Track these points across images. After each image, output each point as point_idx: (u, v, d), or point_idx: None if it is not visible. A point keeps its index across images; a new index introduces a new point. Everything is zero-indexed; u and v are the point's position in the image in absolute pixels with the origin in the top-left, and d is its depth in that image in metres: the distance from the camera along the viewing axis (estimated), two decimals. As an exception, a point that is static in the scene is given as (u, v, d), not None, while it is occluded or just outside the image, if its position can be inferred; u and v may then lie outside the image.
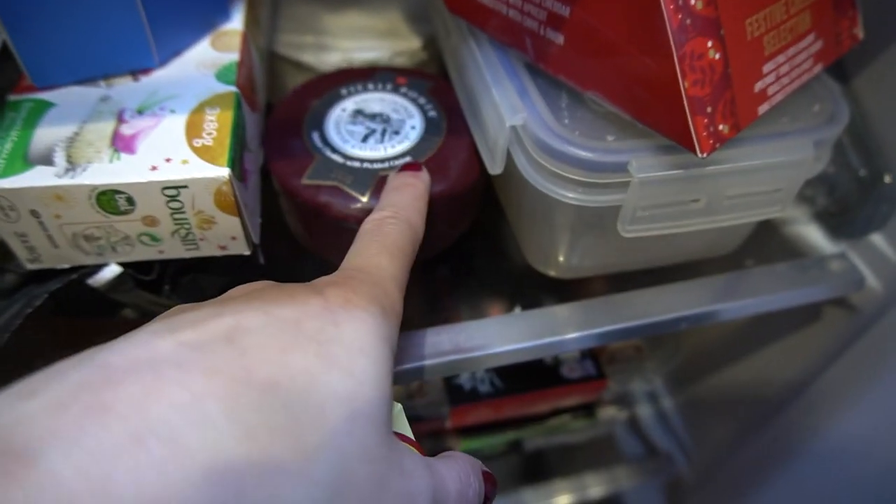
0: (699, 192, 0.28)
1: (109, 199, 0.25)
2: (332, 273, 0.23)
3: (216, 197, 0.26)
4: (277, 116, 0.34)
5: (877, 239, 0.37)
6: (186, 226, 0.27)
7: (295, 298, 0.19)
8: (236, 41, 0.31)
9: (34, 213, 0.25)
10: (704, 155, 0.25)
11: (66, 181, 0.24)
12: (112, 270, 0.28)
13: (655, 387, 0.57)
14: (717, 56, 0.25)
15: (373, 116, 0.34)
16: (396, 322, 0.22)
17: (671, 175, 0.27)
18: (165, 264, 0.29)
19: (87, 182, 0.24)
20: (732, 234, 0.35)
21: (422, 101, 0.35)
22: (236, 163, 0.26)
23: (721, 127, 0.25)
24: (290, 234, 0.35)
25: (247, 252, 0.28)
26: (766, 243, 0.40)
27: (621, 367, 0.49)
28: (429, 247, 0.35)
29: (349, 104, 0.35)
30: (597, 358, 0.48)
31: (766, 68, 0.27)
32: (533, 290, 0.36)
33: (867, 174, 0.36)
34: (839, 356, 0.40)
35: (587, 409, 0.53)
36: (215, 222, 0.27)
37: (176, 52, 0.30)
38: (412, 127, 0.34)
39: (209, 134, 0.26)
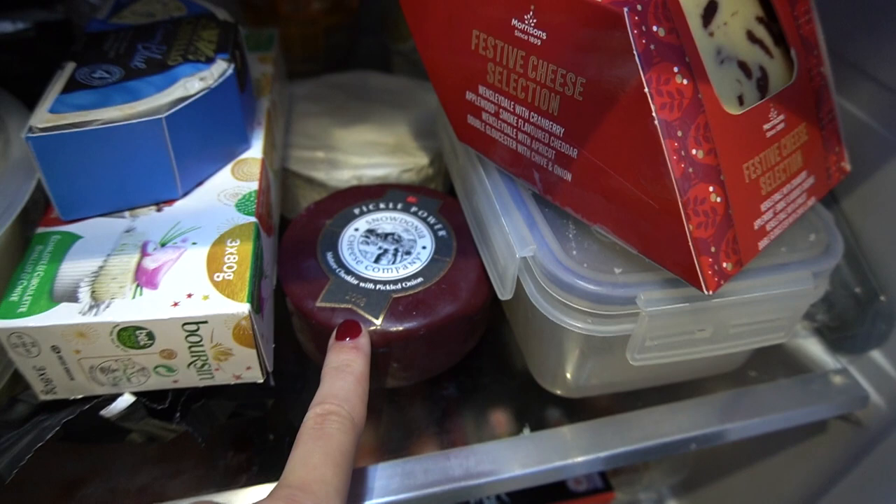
0: (705, 324, 0.29)
1: (130, 335, 0.25)
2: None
3: (235, 331, 0.26)
4: (291, 237, 0.35)
5: (877, 356, 0.38)
6: (203, 358, 0.27)
7: None
8: (256, 170, 0.33)
9: (55, 349, 0.25)
10: (711, 293, 0.26)
11: (90, 319, 0.25)
12: (125, 400, 0.28)
13: (662, 494, 0.56)
14: (719, 199, 0.26)
15: (385, 236, 0.35)
16: None
17: (678, 308, 0.28)
18: (178, 392, 0.29)
19: (109, 319, 0.25)
20: (737, 354, 0.36)
21: (432, 220, 0.37)
22: (254, 296, 0.27)
23: (725, 265, 0.26)
24: (301, 350, 0.36)
25: (261, 380, 0.29)
26: (768, 355, 0.41)
27: (628, 478, 0.48)
28: (436, 365, 0.35)
29: (362, 224, 0.36)
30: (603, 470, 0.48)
31: (765, 206, 0.28)
32: (540, 408, 0.36)
33: (862, 292, 0.37)
34: (847, 472, 0.40)
35: (593, 519, 0.51)
36: (232, 354, 0.27)
37: (198, 182, 0.31)
38: (423, 247, 0.35)
39: (229, 268, 0.27)
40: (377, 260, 0.34)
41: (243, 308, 0.26)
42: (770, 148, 0.28)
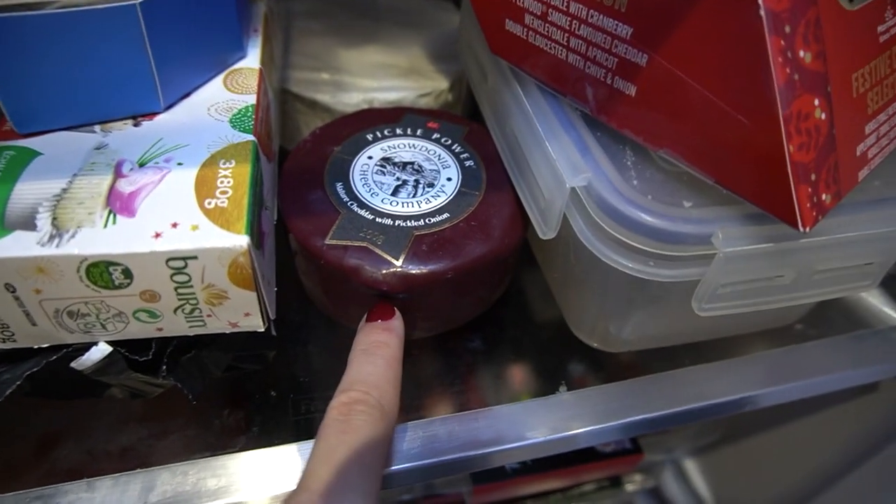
0: (788, 268, 0.25)
1: (102, 272, 0.21)
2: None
3: (231, 269, 0.22)
4: (294, 166, 0.30)
5: (949, 309, 0.34)
6: (193, 301, 0.22)
7: None
8: (253, 81, 0.27)
9: (9, 287, 0.21)
10: (807, 229, 0.21)
11: (51, 251, 0.20)
12: (100, 351, 0.23)
13: (681, 454, 0.53)
14: (824, 116, 0.21)
15: (403, 165, 0.30)
16: None
17: (761, 249, 0.23)
18: (164, 341, 0.24)
19: (75, 252, 0.20)
20: (803, 305, 0.32)
21: (457, 148, 0.32)
22: (254, 227, 0.22)
23: (824, 196, 0.22)
24: (306, 296, 0.31)
25: (261, 329, 0.24)
26: (825, 306, 0.37)
27: (657, 438, 0.45)
28: (462, 314, 0.31)
29: (376, 151, 0.31)
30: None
31: (868, 128, 0.23)
32: (576, 363, 0.32)
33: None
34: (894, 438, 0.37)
35: (614, 480, 0.48)
36: (227, 297, 0.22)
37: (184, 94, 0.26)
38: (448, 178, 0.30)
39: (223, 192, 0.22)
40: (395, 192, 0.29)
41: (241, 241, 0.21)
42: (881, 56, 0.23)
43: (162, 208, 0.22)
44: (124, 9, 0.22)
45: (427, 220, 0.28)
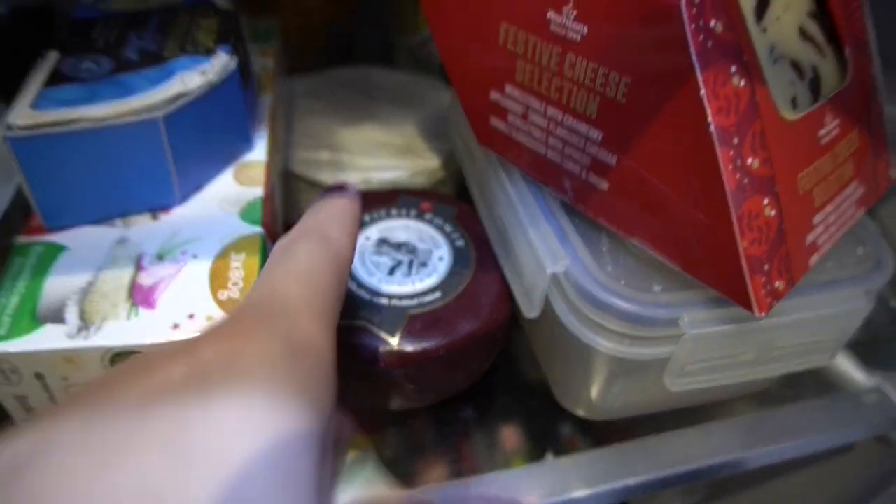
0: (749, 346, 0.27)
1: (124, 360, 0.23)
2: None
3: (241, 355, 0.24)
4: (297, 246, 0.33)
5: (913, 373, 0.36)
6: (205, 384, 0.24)
7: (151, 372, 0.13)
8: (260, 174, 0.30)
9: (38, 376, 0.23)
10: (762, 315, 0.24)
11: (79, 343, 0.22)
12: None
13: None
14: (773, 213, 0.24)
15: (398, 246, 0.33)
16: (321, 381, 0.15)
17: (723, 331, 0.26)
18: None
19: (101, 344, 0.22)
20: (771, 372, 0.34)
21: (448, 228, 0.34)
22: (263, 315, 0.24)
23: (777, 284, 0.24)
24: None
25: (267, 406, 0.26)
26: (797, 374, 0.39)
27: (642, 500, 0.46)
28: (454, 386, 0.33)
29: (373, 232, 0.34)
30: None
31: (816, 219, 0.26)
32: (561, 430, 0.34)
33: (899, 306, 0.36)
34: (876, 494, 0.38)
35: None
36: (237, 380, 0.24)
37: (198, 187, 0.29)
38: (440, 258, 0.32)
39: (235, 284, 0.24)
40: (391, 272, 0.31)
41: (251, 331, 0.23)
42: (825, 156, 0.26)
43: (179, 300, 0.24)
44: (149, 123, 0.25)
45: (420, 300, 0.30)
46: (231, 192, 0.29)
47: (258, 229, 0.27)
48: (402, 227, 0.34)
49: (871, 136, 0.29)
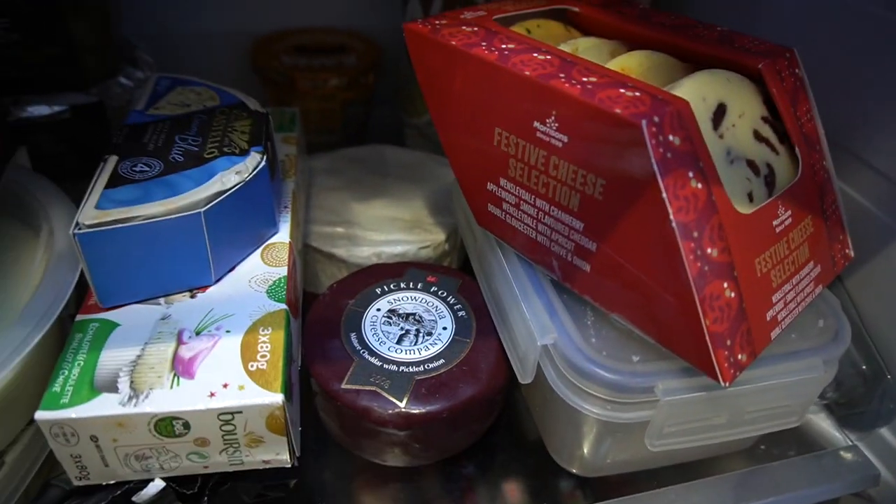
0: (721, 411, 0.30)
1: (167, 425, 0.26)
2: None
3: (268, 420, 0.27)
4: (315, 317, 0.36)
5: (886, 433, 0.39)
6: (236, 445, 0.28)
7: None
8: (284, 255, 0.34)
9: (93, 438, 0.26)
10: (727, 384, 0.27)
11: (130, 410, 0.26)
12: (156, 486, 0.28)
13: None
14: (733, 295, 0.27)
15: (406, 316, 0.36)
16: None
17: (695, 397, 0.29)
18: (207, 476, 0.29)
19: (149, 410, 0.26)
20: (750, 433, 0.37)
21: (451, 300, 0.38)
22: (287, 384, 0.28)
23: (740, 356, 0.28)
24: (323, 428, 0.36)
25: (289, 465, 0.29)
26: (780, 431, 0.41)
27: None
28: (456, 445, 0.36)
29: (383, 304, 0.37)
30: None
31: (776, 298, 0.29)
32: (557, 486, 0.37)
33: (869, 371, 0.38)
34: None
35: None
36: (264, 442, 0.28)
37: (231, 268, 0.33)
38: (444, 328, 0.36)
39: (263, 356, 0.28)
40: (399, 341, 0.35)
41: (277, 398, 0.27)
42: (779, 242, 0.30)
43: (215, 371, 0.27)
44: (192, 217, 0.29)
45: (426, 366, 0.34)
46: (259, 271, 0.33)
47: (282, 305, 0.31)
48: (409, 299, 0.38)
49: (826, 220, 0.33)
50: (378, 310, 0.37)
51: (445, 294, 0.38)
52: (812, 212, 0.32)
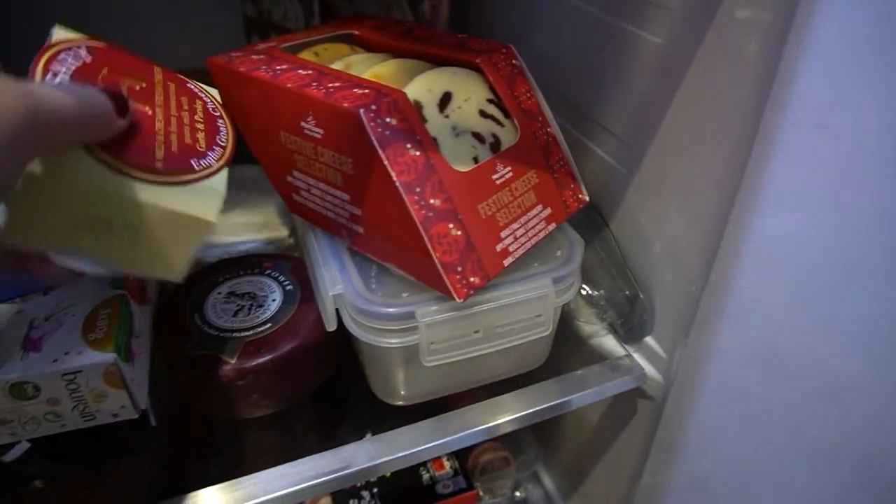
0: (475, 326, 0.38)
1: (19, 389, 0.33)
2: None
3: (105, 377, 0.34)
4: (165, 305, 0.44)
5: (650, 341, 0.48)
6: (84, 401, 0.34)
7: None
8: (127, 254, 0.41)
9: (-41, 406, 0.33)
10: (462, 300, 0.35)
11: (-14, 379, 0.32)
12: (22, 447, 0.35)
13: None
14: (459, 233, 0.36)
15: (243, 295, 0.44)
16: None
17: (448, 317, 0.37)
18: (68, 436, 0.36)
19: (1, 378, 0.32)
20: (531, 352, 0.45)
21: (282, 278, 0.46)
22: (122, 348, 0.35)
23: (472, 279, 0.36)
24: (182, 398, 0.43)
25: (135, 416, 0.36)
26: (577, 351, 0.50)
27: (489, 477, 0.56)
28: (293, 392, 0.43)
29: (224, 289, 0.45)
30: (467, 473, 0.55)
31: (504, 234, 0.38)
32: (382, 416, 0.44)
33: (631, 293, 0.48)
34: (655, 428, 0.49)
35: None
36: (107, 396, 0.35)
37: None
38: (273, 300, 0.44)
39: (101, 329, 0.35)
40: (235, 314, 0.42)
41: (110, 357, 0.34)
42: (502, 191, 0.38)
43: (59, 344, 0.34)
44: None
45: (256, 331, 0.41)
46: (104, 269, 0.40)
47: (121, 291, 0.38)
48: (247, 283, 0.45)
49: (554, 173, 0.42)
50: (219, 293, 0.44)
51: (278, 274, 0.46)
52: (536, 167, 0.41)
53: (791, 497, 0.52)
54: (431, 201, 0.35)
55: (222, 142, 0.35)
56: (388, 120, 0.34)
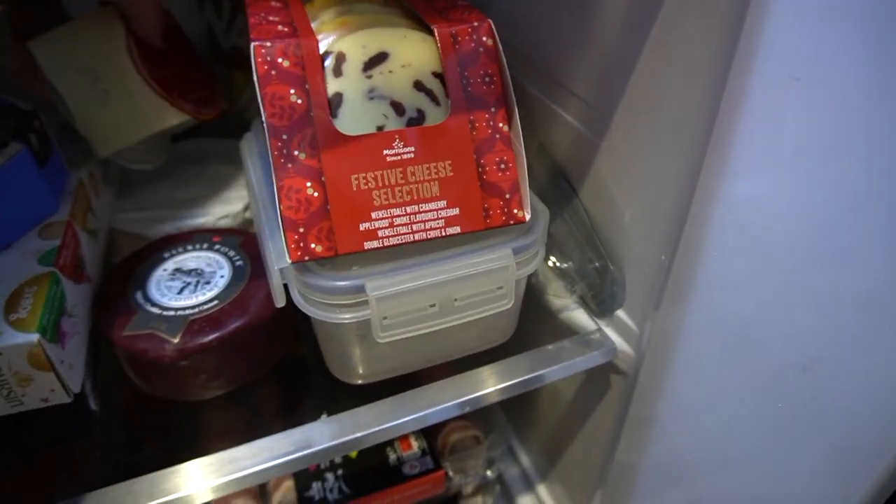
0: (431, 300, 0.36)
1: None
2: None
3: (30, 358, 0.32)
4: (106, 284, 0.41)
5: (621, 314, 0.46)
6: (7, 386, 0.32)
7: None
8: (61, 229, 0.39)
9: None
10: (291, 262, 0.33)
11: None
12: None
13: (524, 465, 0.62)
14: (316, 194, 0.32)
15: (189, 272, 0.42)
16: None
17: (399, 290, 0.35)
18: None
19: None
20: (495, 327, 0.43)
21: (231, 253, 0.43)
22: (49, 328, 0.33)
23: (314, 246, 0.33)
24: (129, 380, 0.41)
25: (67, 400, 0.34)
26: (548, 324, 0.49)
27: (459, 457, 0.55)
28: (244, 372, 0.41)
29: (170, 265, 0.42)
30: (434, 452, 0.54)
31: (376, 215, 0.34)
32: (339, 396, 0.42)
33: (601, 266, 0.46)
34: (628, 403, 0.48)
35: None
36: (33, 379, 0.32)
37: (6, 246, 0.37)
38: (221, 276, 0.41)
39: (24, 308, 0.33)
40: (180, 292, 0.40)
41: (32, 337, 0.31)
42: (389, 169, 0.34)
43: (-22, 325, 0.32)
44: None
45: (201, 308, 0.39)
46: (33, 246, 0.37)
47: (50, 268, 0.35)
48: (193, 258, 0.43)
49: (484, 174, 0.36)
50: (164, 270, 0.42)
51: (227, 249, 0.44)
52: (455, 159, 0.35)
53: (767, 470, 0.51)
54: (296, 153, 0.32)
55: None
56: (279, 60, 0.32)
